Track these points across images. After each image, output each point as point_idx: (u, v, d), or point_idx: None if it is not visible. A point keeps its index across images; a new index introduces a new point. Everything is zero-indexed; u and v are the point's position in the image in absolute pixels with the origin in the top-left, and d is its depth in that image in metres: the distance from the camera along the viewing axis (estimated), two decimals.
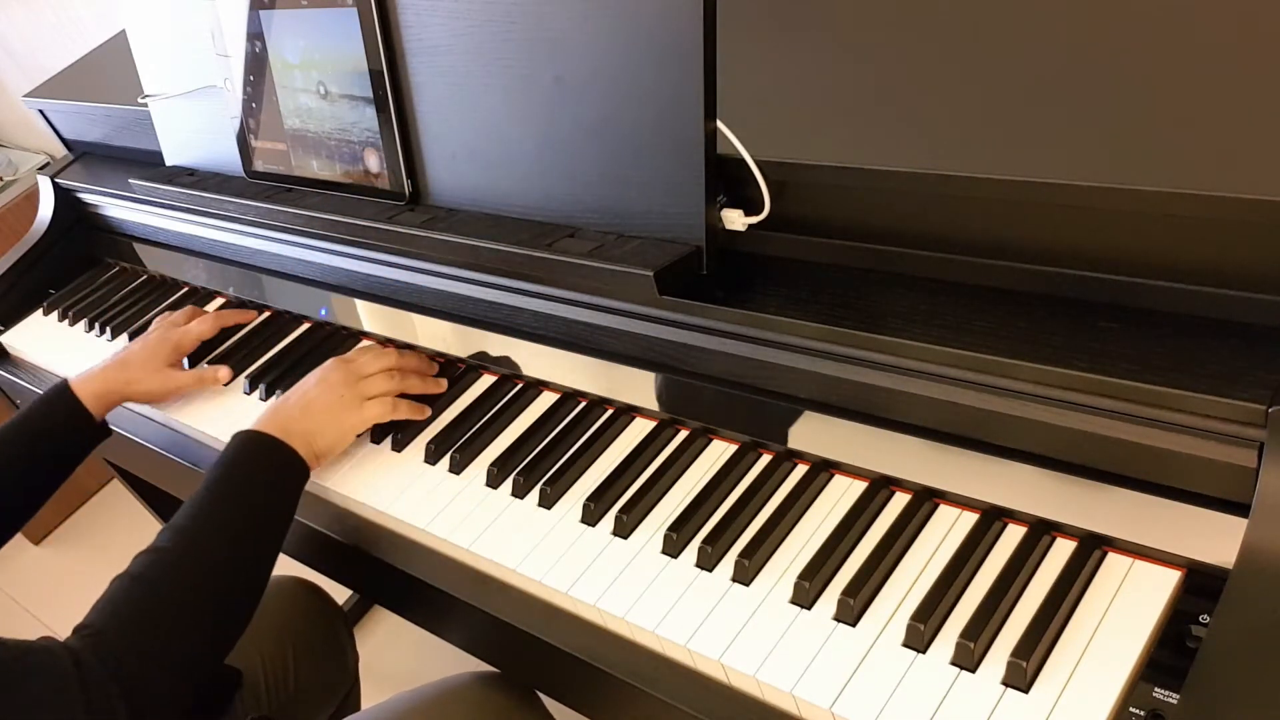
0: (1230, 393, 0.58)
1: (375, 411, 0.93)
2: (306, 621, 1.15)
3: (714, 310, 0.78)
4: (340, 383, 0.93)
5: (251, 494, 0.82)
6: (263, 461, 0.85)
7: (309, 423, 0.89)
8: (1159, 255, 0.65)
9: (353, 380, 0.93)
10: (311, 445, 0.88)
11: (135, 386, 1.05)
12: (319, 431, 0.89)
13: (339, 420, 0.91)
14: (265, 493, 0.83)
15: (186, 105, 1.17)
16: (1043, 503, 0.68)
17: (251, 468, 0.84)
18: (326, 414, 0.90)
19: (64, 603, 2.10)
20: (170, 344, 1.10)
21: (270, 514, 0.83)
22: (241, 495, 0.82)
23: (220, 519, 0.79)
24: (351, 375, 0.94)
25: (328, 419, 0.90)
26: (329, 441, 0.90)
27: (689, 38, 0.72)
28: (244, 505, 0.81)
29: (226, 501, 0.80)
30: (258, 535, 0.81)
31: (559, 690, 0.85)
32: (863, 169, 0.72)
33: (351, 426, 0.92)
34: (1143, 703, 0.58)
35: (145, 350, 1.08)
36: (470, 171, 0.91)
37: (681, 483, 0.82)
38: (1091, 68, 0.73)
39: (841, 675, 0.65)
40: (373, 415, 0.93)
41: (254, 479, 0.83)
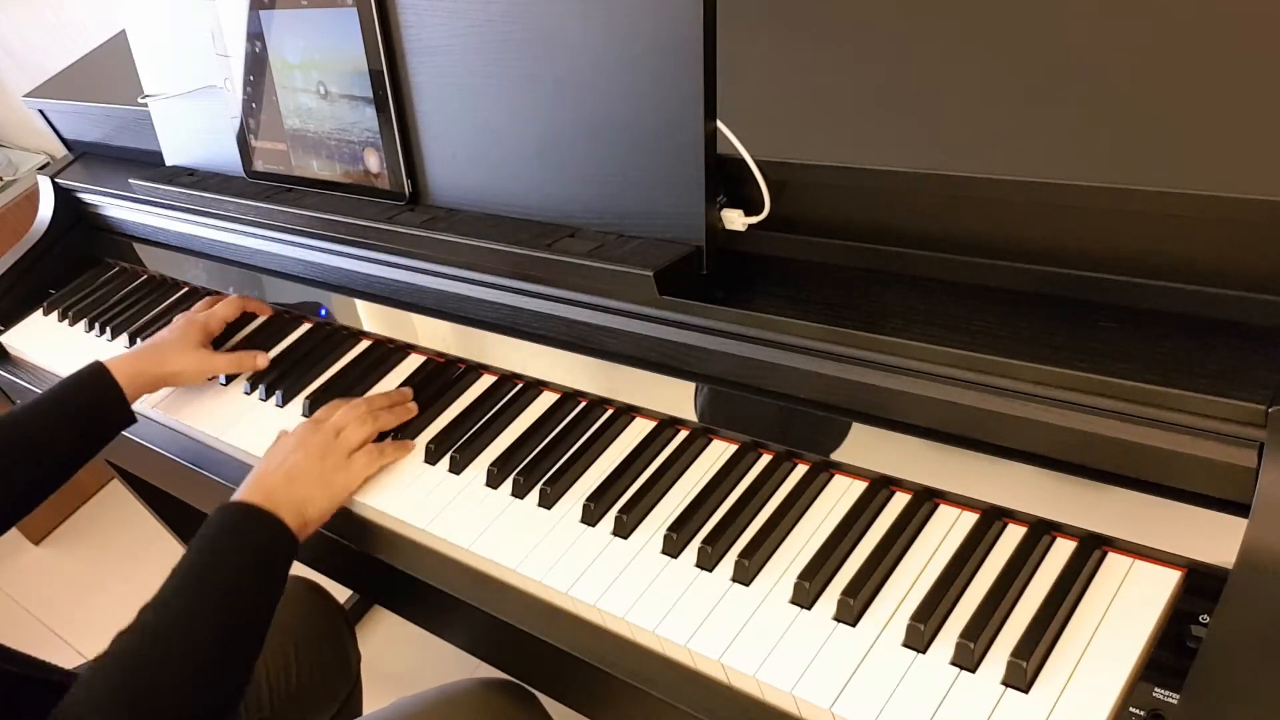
0: (1230, 393, 0.58)
1: (362, 464, 0.90)
2: (309, 621, 1.15)
3: (714, 310, 0.78)
4: (321, 445, 0.90)
5: (239, 569, 0.78)
6: (250, 534, 0.81)
7: (298, 491, 0.85)
8: (1159, 255, 0.65)
9: (331, 438, 0.91)
10: (303, 513, 0.84)
11: (169, 366, 1.05)
12: (309, 499, 0.86)
13: (329, 484, 0.88)
14: (254, 567, 0.79)
15: (186, 105, 1.17)
16: (1043, 503, 0.68)
17: (238, 540, 0.80)
18: (315, 480, 0.87)
19: (64, 603, 2.10)
20: (198, 325, 1.11)
21: (259, 588, 0.79)
22: (229, 570, 0.78)
23: (206, 596, 0.75)
24: (329, 434, 0.91)
25: (317, 485, 0.87)
26: (320, 508, 0.87)
27: (689, 38, 0.72)
28: (232, 581, 0.77)
29: (212, 576, 0.77)
30: (246, 611, 0.77)
31: (559, 690, 0.85)
32: (863, 169, 0.72)
33: (343, 486, 0.89)
34: (1143, 703, 0.58)
35: (174, 333, 1.09)
36: (470, 171, 0.91)
37: (681, 483, 0.82)
38: (1092, 68, 0.73)
39: (841, 675, 0.65)
40: (360, 470, 0.90)
41: (241, 553, 0.79)
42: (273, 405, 1.06)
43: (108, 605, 2.04)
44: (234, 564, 0.78)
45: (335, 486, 0.89)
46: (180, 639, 0.72)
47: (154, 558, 2.06)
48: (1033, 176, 0.66)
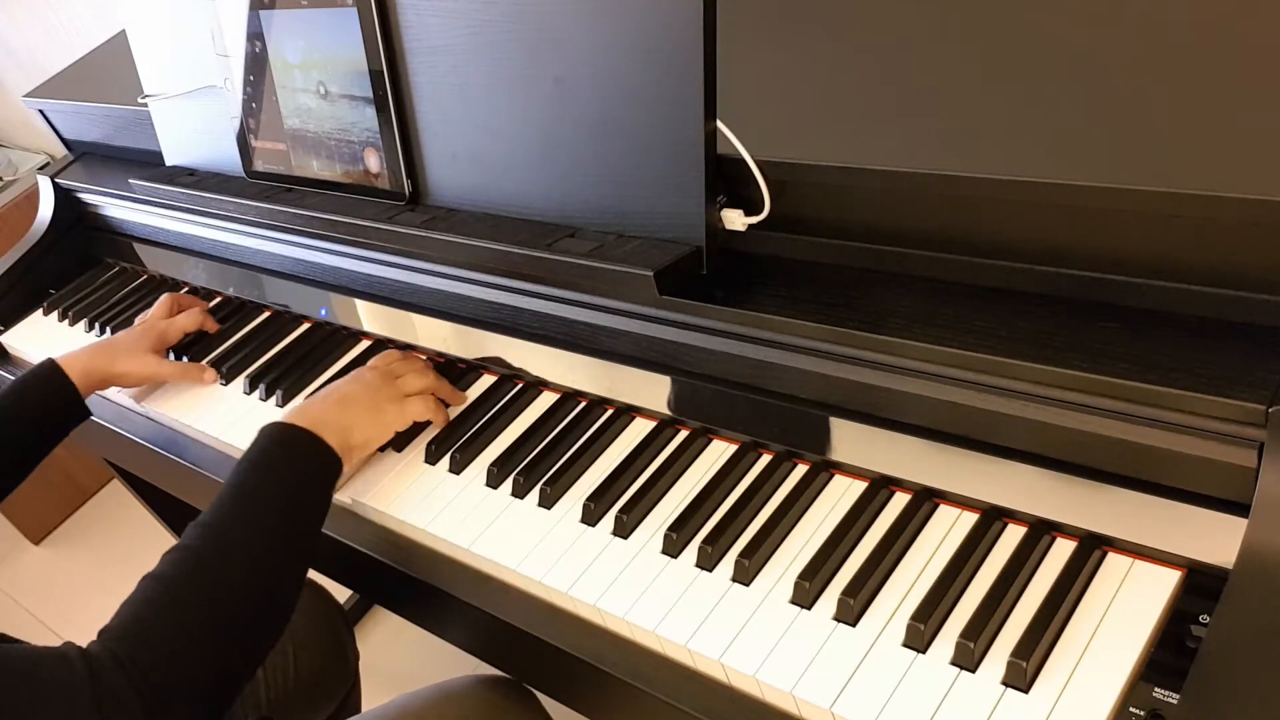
0: (1230, 393, 0.58)
1: (417, 408, 0.91)
2: (307, 620, 1.15)
3: (714, 310, 0.78)
4: (378, 379, 0.91)
5: (283, 489, 0.78)
6: (294, 454, 0.81)
7: (345, 416, 0.85)
8: (1159, 255, 0.65)
9: (390, 378, 0.92)
10: (347, 438, 0.84)
11: (118, 366, 1.05)
12: (356, 425, 0.85)
13: (379, 414, 0.88)
14: (297, 487, 0.79)
15: (186, 105, 1.17)
16: (1043, 503, 0.68)
17: (283, 461, 0.80)
18: (365, 408, 0.87)
19: (64, 603, 2.10)
20: (155, 332, 1.11)
21: (303, 509, 0.79)
22: (273, 490, 0.77)
23: (250, 515, 0.75)
24: (388, 373, 0.92)
25: (366, 413, 0.87)
26: (366, 435, 0.87)
27: (689, 38, 0.72)
28: (276, 501, 0.77)
29: (257, 497, 0.76)
30: (291, 533, 0.77)
31: (559, 690, 0.85)
32: (863, 169, 0.72)
33: (391, 421, 0.89)
34: (1143, 703, 0.58)
35: (130, 336, 1.10)
36: (470, 171, 0.91)
37: (681, 483, 0.82)
38: (1092, 68, 0.73)
39: (841, 675, 0.65)
40: (414, 412, 0.91)
41: (285, 473, 0.79)
42: (273, 405, 1.06)
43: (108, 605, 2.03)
44: (277, 486, 0.78)
45: (384, 420, 0.88)
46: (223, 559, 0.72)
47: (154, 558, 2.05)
48: (1033, 176, 0.66)
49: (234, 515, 0.75)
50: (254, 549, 0.73)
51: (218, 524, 0.74)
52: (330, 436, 0.82)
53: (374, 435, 0.88)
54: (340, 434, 0.83)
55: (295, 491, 0.79)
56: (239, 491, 0.76)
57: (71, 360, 1.03)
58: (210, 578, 0.71)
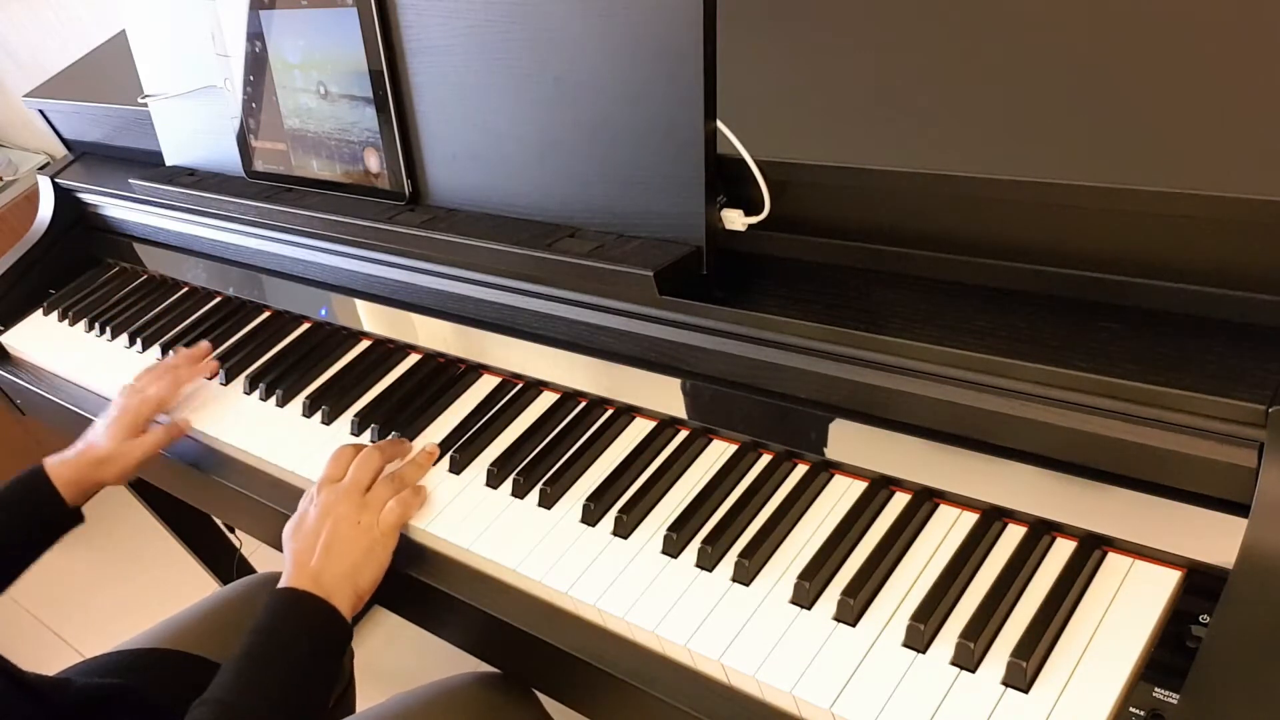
0: (1230, 393, 0.58)
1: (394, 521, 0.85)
2: None
3: (714, 310, 0.78)
4: (352, 509, 0.85)
5: (292, 661, 0.76)
6: (304, 624, 0.78)
7: (342, 565, 0.81)
8: (1159, 255, 0.65)
9: (359, 499, 0.86)
10: (357, 588, 0.81)
11: (106, 469, 1.03)
12: (356, 570, 0.82)
13: (372, 550, 0.83)
14: (310, 656, 0.77)
15: (186, 105, 1.17)
16: (1043, 503, 0.68)
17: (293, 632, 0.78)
18: (358, 549, 0.83)
19: (64, 603, 2.10)
20: (130, 413, 1.05)
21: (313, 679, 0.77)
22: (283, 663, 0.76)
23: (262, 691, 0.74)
24: (355, 495, 0.86)
25: (361, 554, 0.83)
26: (371, 575, 0.83)
27: (689, 38, 0.72)
28: (287, 675, 0.75)
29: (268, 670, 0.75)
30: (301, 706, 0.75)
31: (559, 690, 0.85)
32: (863, 169, 0.72)
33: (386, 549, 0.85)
34: (1143, 703, 0.58)
35: (107, 431, 1.04)
36: (470, 171, 0.91)
37: (681, 483, 0.82)
38: (1092, 68, 0.73)
39: (841, 675, 0.65)
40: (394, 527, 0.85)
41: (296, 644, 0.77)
42: (272, 405, 1.06)
43: (108, 605, 2.04)
44: (287, 658, 0.76)
45: (379, 551, 0.84)
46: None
47: (154, 558, 2.05)
48: (1033, 176, 0.66)
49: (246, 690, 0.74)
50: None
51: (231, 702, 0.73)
52: (343, 602, 0.80)
53: (378, 571, 0.84)
54: (351, 591, 0.81)
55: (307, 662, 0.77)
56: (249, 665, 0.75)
57: (60, 468, 1.01)
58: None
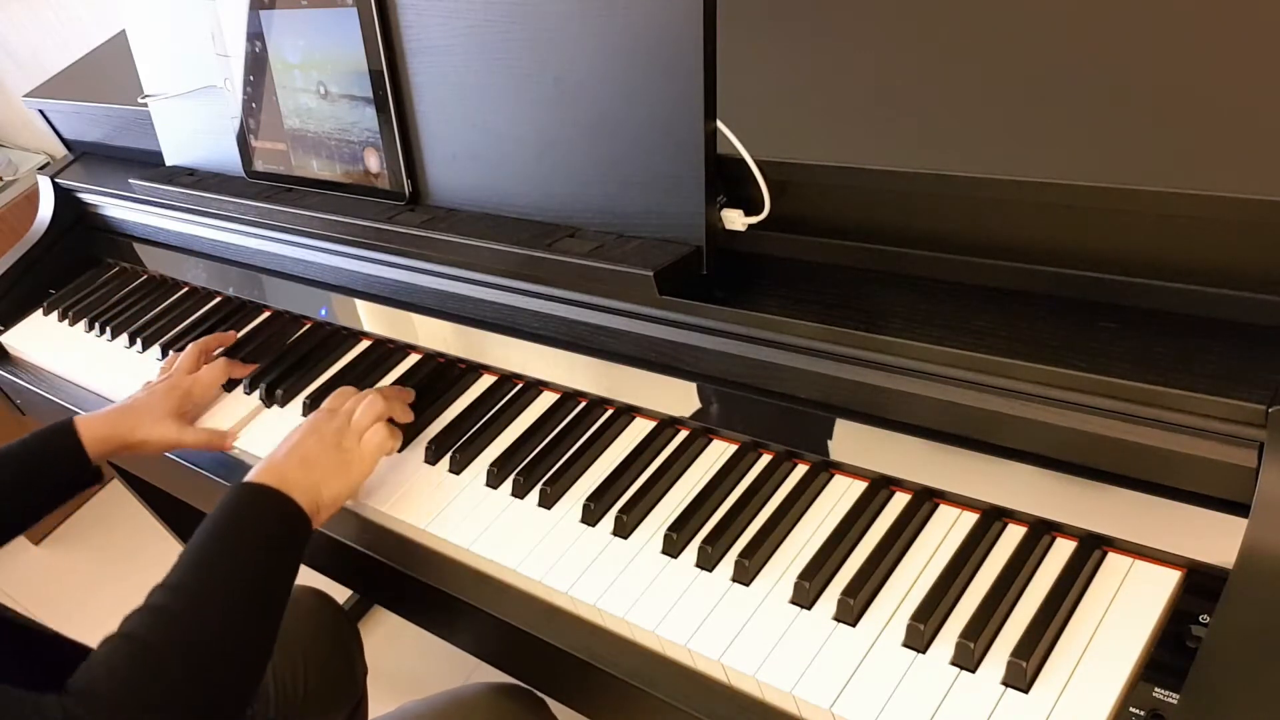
0: (1230, 393, 0.58)
1: (374, 447, 0.88)
2: (319, 630, 1.15)
3: (714, 310, 0.78)
4: (334, 430, 0.87)
5: (253, 549, 0.76)
6: (265, 514, 0.79)
7: (311, 475, 0.83)
8: (1159, 255, 0.65)
9: (344, 423, 0.88)
10: (316, 497, 0.82)
11: (138, 434, 1.01)
12: (324, 483, 0.84)
13: (345, 469, 0.86)
14: (267, 548, 0.77)
15: (186, 105, 1.17)
16: (1043, 503, 0.68)
17: (253, 521, 0.78)
18: (329, 465, 0.85)
19: (64, 603, 2.10)
20: (180, 391, 1.04)
21: (273, 570, 0.77)
22: (242, 550, 0.76)
23: (220, 575, 0.74)
24: (342, 419, 0.89)
25: (331, 469, 0.85)
26: (335, 491, 0.85)
27: (689, 38, 0.72)
28: (245, 561, 0.75)
29: (226, 556, 0.75)
30: (260, 592, 0.75)
31: (559, 690, 0.85)
32: (863, 169, 0.72)
33: (359, 472, 0.87)
34: (1143, 703, 0.58)
35: (152, 398, 1.03)
36: (470, 171, 0.91)
37: (681, 483, 0.82)
38: (1092, 67, 0.73)
39: (841, 675, 0.65)
40: (373, 450, 0.88)
41: (255, 533, 0.77)
42: (273, 405, 1.06)
43: (108, 605, 2.03)
44: (247, 546, 0.76)
45: (351, 471, 0.87)
46: (193, 618, 0.70)
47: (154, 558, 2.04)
48: (1033, 176, 0.66)
49: (204, 574, 0.73)
50: (224, 608, 0.72)
51: (188, 584, 0.72)
52: (300, 497, 0.81)
53: (343, 490, 0.86)
54: (309, 493, 0.82)
55: (265, 553, 0.77)
56: (209, 550, 0.75)
57: (91, 424, 0.99)
58: (181, 637, 0.69)
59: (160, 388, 1.05)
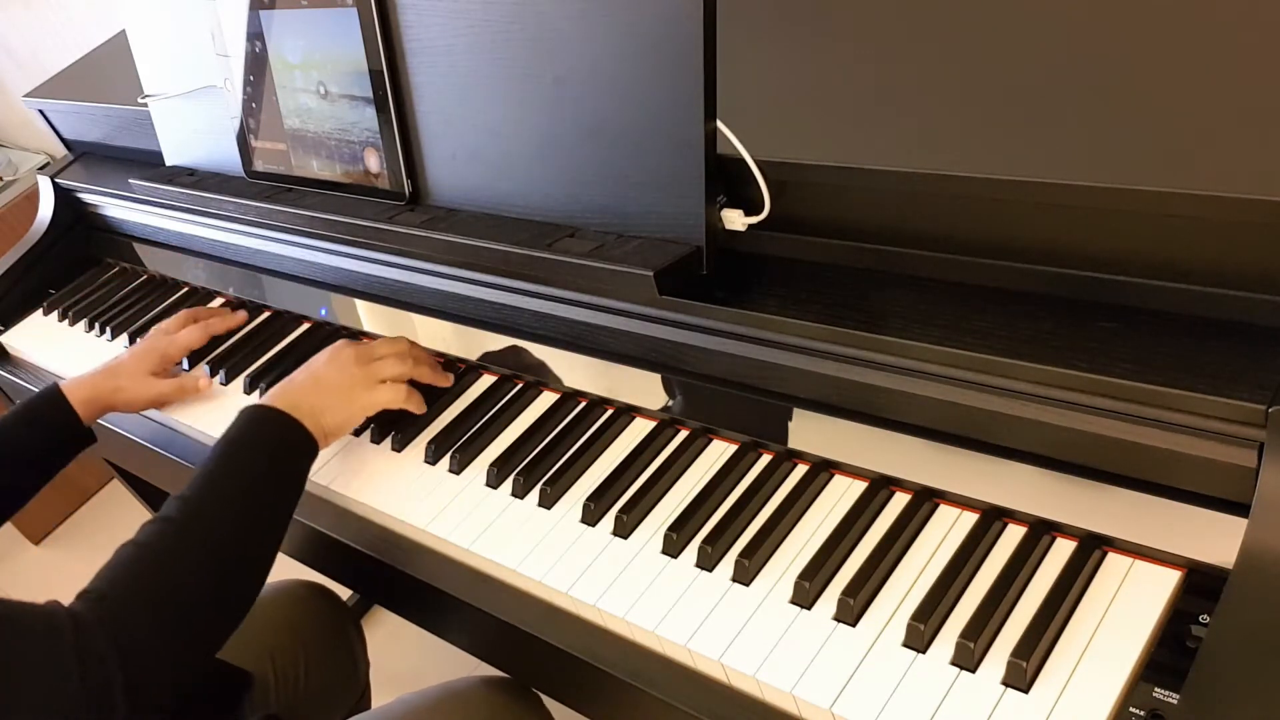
0: (1230, 393, 0.58)
1: (387, 395, 0.92)
2: (319, 626, 1.15)
3: (714, 310, 0.78)
4: (352, 360, 0.92)
5: (259, 467, 0.81)
6: (270, 435, 0.84)
7: (318, 399, 0.87)
8: (1159, 255, 0.65)
9: (365, 360, 0.93)
10: (320, 421, 0.87)
11: (120, 395, 1.06)
12: (328, 408, 0.88)
13: (350, 398, 0.90)
14: (272, 466, 0.82)
15: (186, 105, 1.17)
16: (1043, 503, 0.68)
17: (259, 441, 0.83)
18: (337, 391, 0.89)
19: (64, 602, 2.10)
20: (157, 353, 1.10)
21: (277, 487, 0.82)
22: (249, 468, 0.81)
23: (227, 491, 0.78)
24: (364, 355, 0.93)
25: (338, 396, 0.89)
26: (338, 419, 0.89)
27: (689, 37, 0.72)
28: (251, 478, 0.80)
29: (234, 473, 0.80)
30: (265, 508, 0.80)
31: (559, 690, 0.85)
32: (863, 169, 0.72)
33: (363, 406, 0.91)
34: (1143, 703, 0.58)
35: (133, 360, 1.09)
36: (470, 171, 0.91)
37: (681, 483, 0.82)
38: (1092, 67, 0.73)
39: (841, 675, 0.65)
40: (384, 399, 0.92)
41: (261, 452, 0.83)
42: None
43: None
44: (254, 462, 0.81)
45: (354, 405, 0.90)
46: (201, 530, 0.75)
47: None
48: (1033, 176, 0.66)
49: (212, 489, 0.78)
50: (231, 520, 0.77)
51: (196, 497, 0.77)
52: (305, 419, 0.85)
53: (344, 420, 0.90)
54: (313, 416, 0.86)
55: (270, 469, 0.82)
56: (217, 467, 0.80)
57: (76, 386, 1.03)
58: (188, 546, 0.74)
59: (139, 349, 1.11)
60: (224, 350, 1.16)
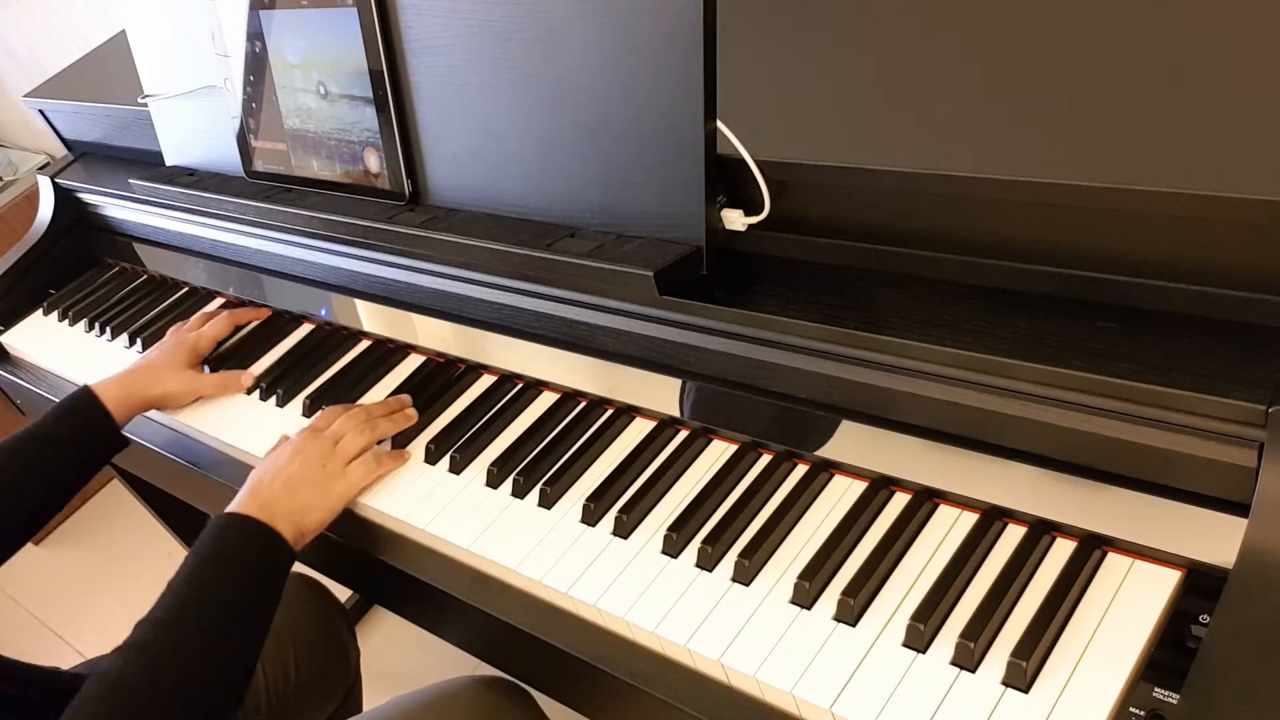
0: (1230, 393, 0.58)
1: (359, 474, 0.89)
2: (308, 618, 1.15)
3: (714, 310, 0.78)
4: (319, 454, 0.89)
5: (234, 583, 0.78)
6: (246, 548, 0.80)
7: (295, 500, 0.84)
8: (1159, 255, 0.65)
9: (329, 447, 0.90)
10: (300, 523, 0.84)
11: (157, 389, 1.05)
12: (308, 507, 0.85)
13: (326, 491, 0.87)
14: (248, 581, 0.79)
15: (186, 105, 1.17)
16: (1043, 503, 0.68)
17: (234, 556, 0.79)
18: (313, 488, 0.86)
19: (64, 603, 2.10)
20: (187, 346, 1.10)
21: (253, 603, 0.79)
22: (224, 586, 0.77)
23: (202, 612, 0.75)
24: (327, 443, 0.90)
25: (315, 493, 0.86)
26: (319, 516, 0.86)
27: (689, 38, 0.72)
28: (227, 597, 0.77)
29: (209, 594, 0.76)
30: (240, 627, 0.77)
31: (559, 690, 0.85)
32: (863, 169, 0.72)
33: (340, 494, 0.88)
34: (1143, 703, 0.58)
35: (164, 354, 1.09)
36: (470, 171, 0.91)
37: (681, 483, 0.82)
38: (1091, 67, 0.73)
39: (841, 675, 0.65)
40: (357, 480, 0.89)
41: (237, 568, 0.79)
42: (272, 405, 1.06)
43: (108, 605, 2.04)
44: (229, 580, 0.78)
45: (333, 496, 0.88)
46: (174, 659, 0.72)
47: (154, 558, 2.05)
48: (1033, 176, 0.66)
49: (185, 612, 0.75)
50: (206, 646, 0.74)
51: (169, 622, 0.74)
52: (284, 526, 0.82)
53: (326, 516, 0.87)
54: (293, 521, 0.83)
55: (247, 586, 0.78)
56: (190, 587, 0.76)
57: (108, 387, 1.01)
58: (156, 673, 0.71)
59: (169, 344, 1.11)
60: (224, 350, 1.16)
